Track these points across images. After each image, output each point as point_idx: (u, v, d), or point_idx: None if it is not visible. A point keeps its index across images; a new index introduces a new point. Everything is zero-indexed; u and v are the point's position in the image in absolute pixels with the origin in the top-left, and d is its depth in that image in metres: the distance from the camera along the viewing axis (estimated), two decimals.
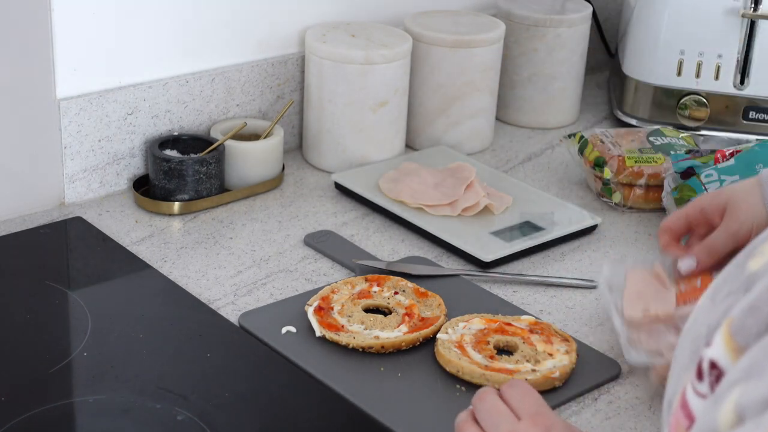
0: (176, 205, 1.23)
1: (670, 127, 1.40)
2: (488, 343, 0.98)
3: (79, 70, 1.21)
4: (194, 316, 1.04)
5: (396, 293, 1.06)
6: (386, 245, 1.20)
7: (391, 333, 1.00)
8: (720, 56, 1.45)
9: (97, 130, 1.24)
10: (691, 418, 0.56)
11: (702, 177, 1.18)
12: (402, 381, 0.95)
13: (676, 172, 1.22)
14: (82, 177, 1.24)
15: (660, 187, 1.28)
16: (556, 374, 0.94)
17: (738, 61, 1.45)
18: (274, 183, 1.31)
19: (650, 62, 1.49)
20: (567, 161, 1.44)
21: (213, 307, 1.06)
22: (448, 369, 0.95)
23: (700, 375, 0.56)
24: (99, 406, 0.90)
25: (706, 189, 1.17)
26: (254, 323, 1.02)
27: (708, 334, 0.60)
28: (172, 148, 1.27)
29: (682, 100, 1.48)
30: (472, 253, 1.15)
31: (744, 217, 0.97)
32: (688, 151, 1.25)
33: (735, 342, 0.56)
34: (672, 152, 1.26)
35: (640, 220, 1.29)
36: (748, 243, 0.88)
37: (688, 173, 1.21)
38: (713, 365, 0.56)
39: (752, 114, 1.47)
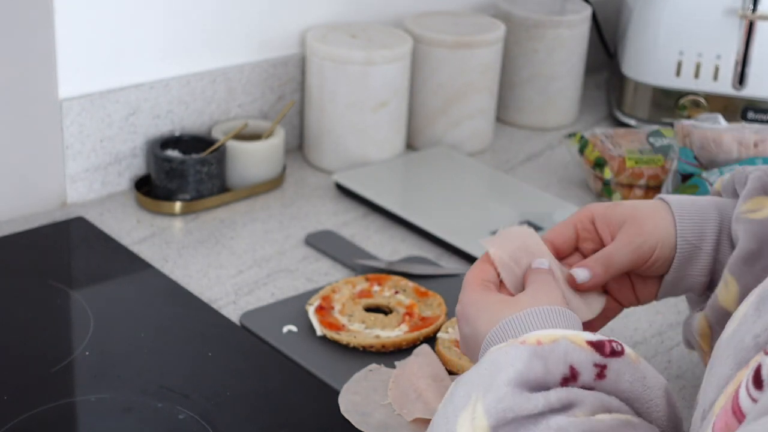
0: (178, 205, 1.24)
1: (670, 128, 1.40)
2: None
3: (81, 70, 1.22)
4: (196, 315, 1.04)
5: (396, 293, 1.06)
6: (387, 245, 1.20)
7: (392, 332, 1.00)
8: (719, 57, 1.46)
9: (98, 131, 1.24)
10: None
11: (704, 174, 1.19)
12: None
13: (679, 172, 1.22)
14: (84, 177, 1.25)
15: (659, 188, 1.28)
16: None
17: (737, 61, 1.45)
18: (275, 183, 1.31)
19: (649, 63, 1.49)
20: (567, 161, 1.44)
21: (214, 306, 1.06)
22: (448, 368, 0.96)
23: (758, 384, 0.54)
24: (101, 405, 0.90)
25: (711, 185, 1.17)
26: (255, 322, 1.03)
27: (759, 344, 0.59)
28: (173, 149, 1.27)
29: (681, 101, 1.48)
30: (472, 253, 1.16)
31: (648, 235, 0.85)
32: (695, 158, 1.23)
33: None
34: (680, 150, 1.25)
35: None
36: (647, 264, 0.86)
37: (689, 176, 1.21)
38: None
39: (751, 114, 1.47)
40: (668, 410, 0.68)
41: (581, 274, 0.85)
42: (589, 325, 0.87)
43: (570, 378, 0.66)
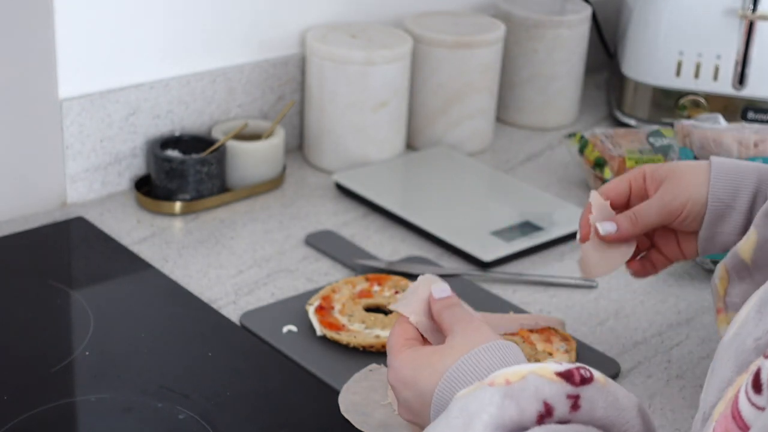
0: (178, 205, 1.24)
1: (670, 128, 1.40)
2: None
3: (81, 70, 1.22)
4: (196, 315, 1.04)
5: (396, 293, 1.06)
6: (387, 245, 1.20)
7: None
8: (719, 57, 1.46)
9: (98, 131, 1.24)
10: (746, 429, 0.55)
11: None
12: None
13: None
14: (84, 177, 1.25)
15: None
16: None
17: (737, 61, 1.45)
18: (275, 183, 1.31)
19: (649, 63, 1.49)
20: (567, 161, 1.44)
21: (214, 306, 1.06)
22: None
23: (758, 388, 0.54)
24: (101, 405, 0.90)
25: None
26: (255, 322, 1.03)
27: (760, 347, 0.59)
28: (173, 149, 1.28)
29: (681, 101, 1.48)
30: (472, 253, 1.16)
31: (679, 191, 0.91)
32: (696, 157, 1.24)
33: None
34: (680, 150, 1.25)
35: None
36: (677, 219, 0.90)
37: None
38: None
39: (751, 114, 1.47)
40: (644, 428, 0.67)
41: (606, 227, 0.91)
42: (639, 271, 0.96)
43: (545, 414, 0.63)
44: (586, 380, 0.65)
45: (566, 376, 0.64)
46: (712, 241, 0.92)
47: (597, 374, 0.66)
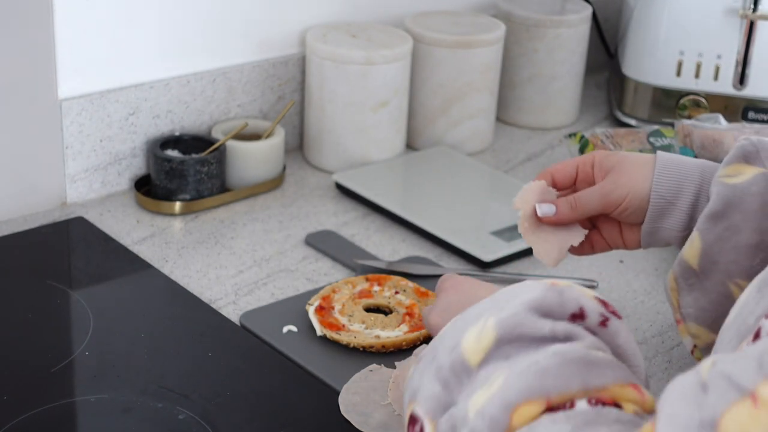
0: (177, 205, 1.24)
1: (671, 128, 1.40)
2: None
3: (81, 70, 1.22)
4: (195, 315, 1.04)
5: (397, 293, 1.06)
6: (387, 245, 1.20)
7: (392, 332, 1.00)
8: (719, 57, 1.46)
9: (98, 130, 1.24)
10: None
11: None
12: None
13: None
14: (84, 177, 1.25)
15: None
16: None
17: (737, 61, 1.45)
18: (275, 183, 1.31)
19: (650, 63, 1.49)
20: None
21: (214, 306, 1.06)
22: None
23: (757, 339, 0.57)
24: (100, 406, 0.90)
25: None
26: (255, 323, 1.03)
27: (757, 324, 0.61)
28: (173, 149, 1.27)
29: (681, 101, 1.48)
30: (472, 253, 1.16)
31: (621, 183, 0.93)
32: (696, 157, 1.24)
33: None
34: (681, 149, 1.25)
35: None
36: (617, 210, 0.93)
37: None
38: None
39: (751, 114, 1.47)
40: (645, 383, 0.71)
41: (544, 209, 0.94)
42: (576, 250, 0.98)
43: (578, 316, 0.69)
44: (617, 315, 0.71)
45: (603, 302, 0.71)
46: (654, 235, 0.94)
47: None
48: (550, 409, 0.63)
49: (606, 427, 0.61)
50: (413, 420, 0.71)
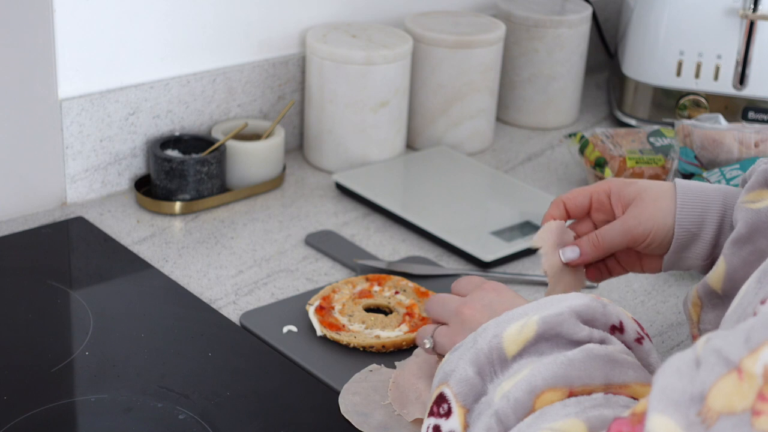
0: (177, 205, 1.24)
1: (671, 128, 1.40)
2: None
3: (81, 70, 1.22)
4: (196, 315, 1.04)
5: (397, 293, 1.06)
6: (387, 245, 1.20)
7: (392, 332, 1.00)
8: (719, 57, 1.46)
9: (98, 130, 1.24)
10: None
11: (705, 174, 1.19)
12: None
13: (680, 171, 1.22)
14: (84, 177, 1.25)
15: None
16: None
17: (737, 61, 1.45)
18: (275, 183, 1.31)
19: (650, 63, 1.49)
20: (567, 161, 1.44)
21: (214, 306, 1.06)
22: None
23: None
24: (101, 406, 0.90)
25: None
26: (255, 323, 1.03)
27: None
28: (173, 149, 1.27)
29: (681, 101, 1.48)
30: (472, 253, 1.16)
31: (645, 218, 0.91)
32: (696, 157, 1.24)
33: None
34: (681, 149, 1.25)
35: None
36: (642, 245, 0.92)
37: (690, 175, 1.21)
38: None
39: (751, 114, 1.47)
40: None
41: (568, 254, 0.92)
42: (593, 276, 0.97)
43: (618, 329, 0.73)
44: (649, 336, 0.75)
45: (638, 322, 0.75)
46: (677, 264, 0.94)
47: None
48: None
49: (611, 409, 0.64)
50: (440, 400, 0.73)
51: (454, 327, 0.82)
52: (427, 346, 0.84)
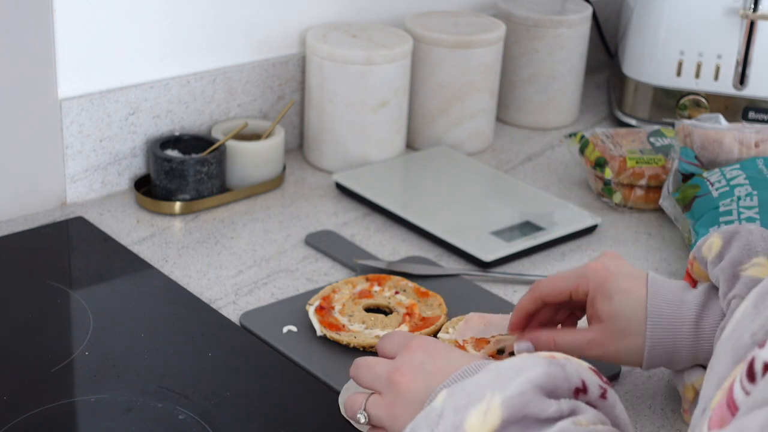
0: (177, 205, 1.24)
1: (671, 128, 1.40)
2: (489, 342, 0.98)
3: (81, 70, 1.22)
4: (195, 315, 1.04)
5: (397, 293, 1.06)
6: (387, 245, 1.20)
7: None
8: (719, 57, 1.46)
9: (98, 130, 1.24)
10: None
11: (705, 174, 1.19)
12: None
13: (680, 171, 1.22)
14: (84, 177, 1.25)
15: (660, 188, 1.28)
16: None
17: (738, 61, 1.45)
18: (275, 183, 1.31)
19: (650, 63, 1.49)
20: (567, 161, 1.44)
21: (214, 306, 1.06)
22: None
23: (751, 377, 0.55)
24: (100, 406, 0.90)
25: (711, 185, 1.16)
26: (255, 323, 1.03)
27: (756, 341, 0.60)
28: (173, 148, 1.27)
29: (681, 101, 1.48)
30: (472, 253, 1.16)
31: (610, 351, 0.90)
32: (696, 157, 1.24)
33: None
34: (681, 149, 1.25)
35: (640, 221, 1.29)
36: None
37: (690, 175, 1.21)
38: (767, 367, 0.55)
39: (752, 114, 1.47)
40: None
41: (523, 346, 0.91)
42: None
43: (582, 390, 0.68)
44: (609, 384, 0.71)
45: (597, 372, 0.70)
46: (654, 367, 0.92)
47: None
48: None
49: None
50: None
51: (389, 397, 0.77)
52: (362, 421, 0.79)
